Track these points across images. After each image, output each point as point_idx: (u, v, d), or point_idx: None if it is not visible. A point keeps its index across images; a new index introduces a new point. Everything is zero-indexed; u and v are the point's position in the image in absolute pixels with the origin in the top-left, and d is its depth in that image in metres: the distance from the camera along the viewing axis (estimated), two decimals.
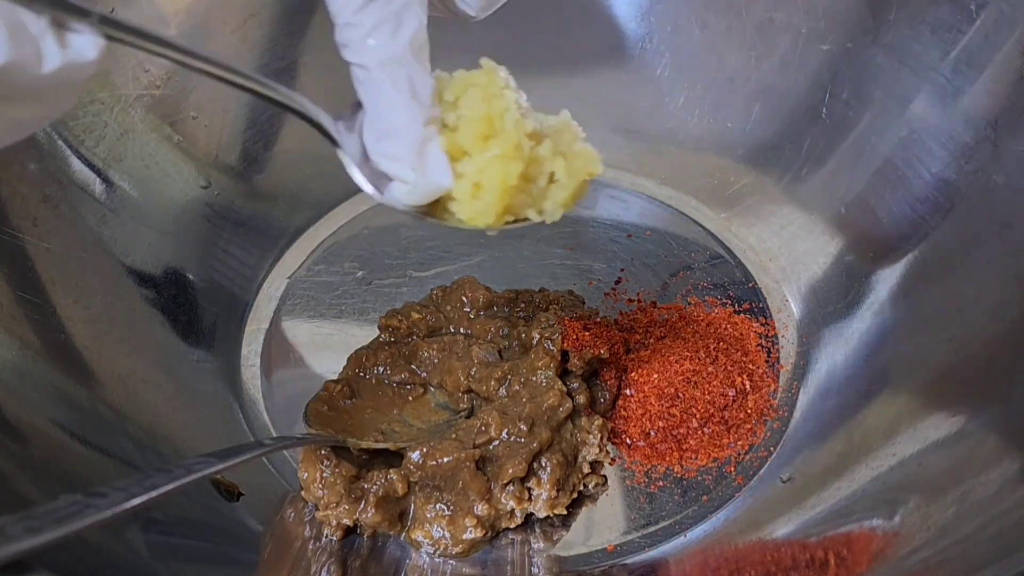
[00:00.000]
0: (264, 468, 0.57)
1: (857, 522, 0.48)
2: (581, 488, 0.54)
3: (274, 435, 0.58)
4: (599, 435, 0.55)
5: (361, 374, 0.58)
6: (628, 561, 0.52)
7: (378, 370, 0.58)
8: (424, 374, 0.58)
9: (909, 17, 0.63)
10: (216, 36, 0.67)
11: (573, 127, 0.45)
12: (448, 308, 0.62)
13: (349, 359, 0.59)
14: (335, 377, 0.60)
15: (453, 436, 0.53)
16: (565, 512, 0.53)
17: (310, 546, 0.51)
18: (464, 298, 0.62)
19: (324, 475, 0.51)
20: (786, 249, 0.69)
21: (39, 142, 0.57)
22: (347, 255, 0.70)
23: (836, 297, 0.64)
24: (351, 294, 0.67)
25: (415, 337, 0.60)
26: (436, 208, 0.44)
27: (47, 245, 0.55)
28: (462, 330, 0.61)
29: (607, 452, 0.57)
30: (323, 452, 0.52)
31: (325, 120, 0.42)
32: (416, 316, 0.61)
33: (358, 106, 0.42)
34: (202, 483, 0.53)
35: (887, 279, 0.62)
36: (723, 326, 0.64)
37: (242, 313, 0.66)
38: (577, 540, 0.53)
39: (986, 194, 0.57)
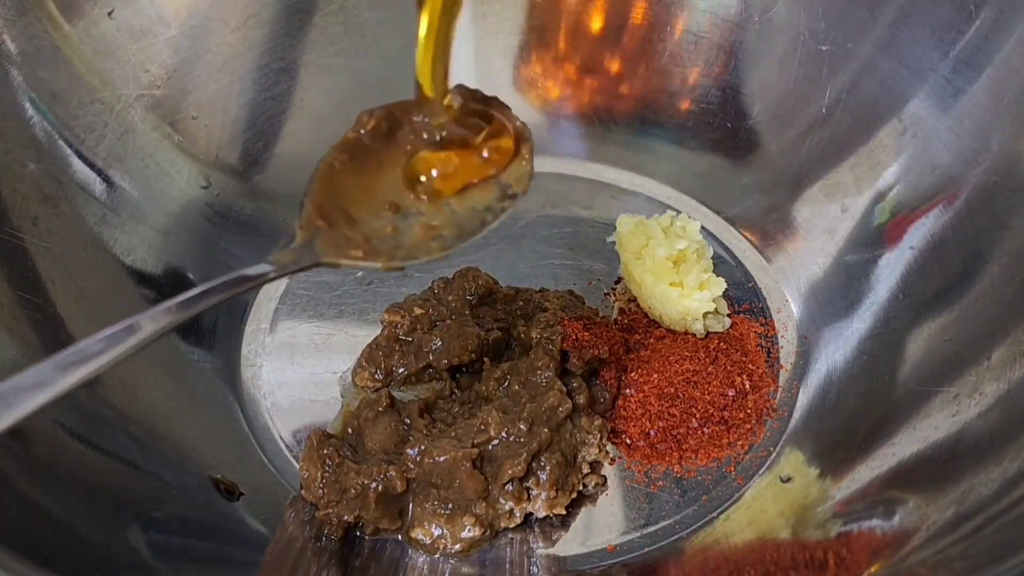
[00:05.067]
0: (264, 468, 0.57)
1: (857, 522, 0.48)
2: (580, 488, 0.54)
3: (274, 435, 0.58)
4: (599, 435, 0.56)
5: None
6: (628, 561, 0.52)
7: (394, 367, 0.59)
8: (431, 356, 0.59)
9: (909, 17, 0.63)
10: (216, 36, 0.67)
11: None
12: (451, 298, 0.62)
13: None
14: (334, 373, 0.61)
15: (452, 435, 0.53)
16: (564, 512, 0.53)
17: (310, 547, 0.51)
18: (467, 285, 0.62)
19: (325, 474, 0.51)
20: (786, 249, 0.69)
21: (39, 142, 0.57)
22: None
23: (836, 297, 0.64)
24: (351, 294, 0.67)
25: (419, 330, 0.60)
26: None
27: (47, 245, 0.55)
28: (467, 313, 0.61)
29: (607, 452, 0.57)
30: (324, 452, 0.52)
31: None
32: (419, 311, 0.61)
33: None
34: (202, 483, 0.53)
35: (887, 279, 0.62)
36: None
37: (242, 313, 0.66)
38: (576, 540, 0.53)
39: (986, 194, 0.57)
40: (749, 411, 0.59)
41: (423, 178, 0.48)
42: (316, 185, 0.47)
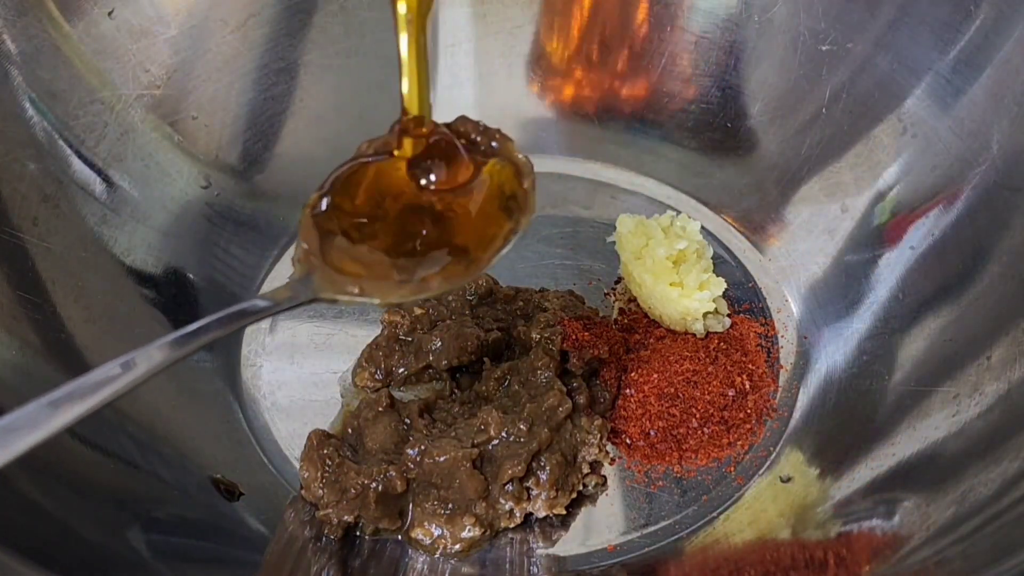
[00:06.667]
0: (264, 468, 0.57)
1: (857, 522, 0.48)
2: (580, 488, 0.54)
3: (274, 435, 0.59)
4: (599, 435, 0.56)
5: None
6: (628, 561, 0.52)
7: (394, 370, 0.59)
8: (431, 356, 0.59)
9: (909, 17, 0.63)
10: (216, 36, 0.67)
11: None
12: (451, 298, 0.62)
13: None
14: (334, 373, 0.61)
15: (452, 435, 0.53)
16: (564, 512, 0.53)
17: (310, 546, 0.51)
18: (467, 285, 0.62)
19: (325, 474, 0.51)
20: (786, 249, 0.69)
21: (39, 142, 0.57)
22: None
23: (836, 297, 0.64)
24: None
25: (419, 330, 0.60)
26: None
27: (47, 245, 0.55)
28: (467, 313, 0.61)
29: (607, 452, 0.57)
30: (324, 452, 0.52)
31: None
32: (419, 312, 0.61)
33: None
34: (202, 483, 0.53)
35: (887, 279, 0.62)
36: None
37: None
38: (576, 540, 0.53)
39: (986, 194, 0.57)
40: (749, 411, 0.59)
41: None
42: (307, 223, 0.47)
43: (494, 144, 0.48)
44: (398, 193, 0.47)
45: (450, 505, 0.51)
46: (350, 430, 0.56)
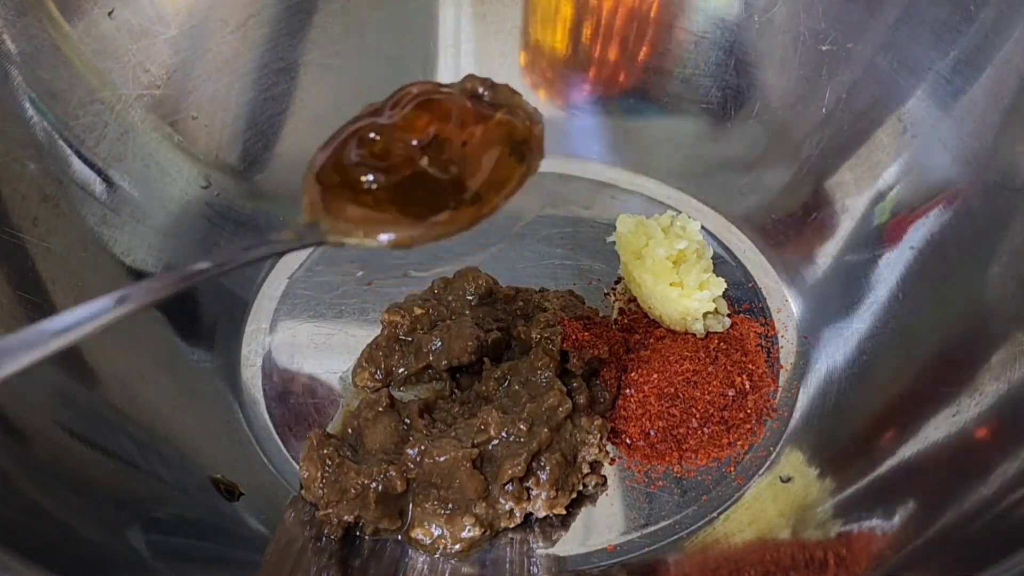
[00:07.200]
0: (264, 468, 0.57)
1: (857, 522, 0.48)
2: (580, 488, 0.54)
3: (274, 435, 0.59)
4: (599, 435, 0.56)
5: None
6: (628, 561, 0.52)
7: (395, 370, 0.59)
8: (431, 356, 0.59)
9: (909, 17, 0.63)
10: (216, 36, 0.67)
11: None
12: (451, 299, 0.62)
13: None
14: (334, 373, 0.61)
15: (452, 435, 0.53)
16: (564, 512, 0.53)
17: (310, 546, 0.51)
18: (467, 285, 0.62)
19: (325, 474, 0.52)
20: (786, 249, 0.69)
21: (39, 142, 0.57)
22: (347, 255, 0.70)
23: (836, 297, 0.64)
24: (351, 294, 0.67)
25: (419, 331, 0.60)
26: None
27: (47, 245, 0.55)
28: (467, 313, 0.61)
29: (607, 452, 0.57)
30: (324, 452, 0.52)
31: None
32: (419, 312, 0.61)
33: None
34: (202, 483, 0.53)
35: (887, 279, 0.62)
36: None
37: (242, 313, 0.66)
38: (576, 540, 0.53)
39: (986, 194, 0.57)
40: (749, 411, 0.59)
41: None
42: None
43: (502, 98, 0.49)
44: (404, 146, 0.46)
45: (450, 505, 0.51)
46: (350, 430, 0.56)
